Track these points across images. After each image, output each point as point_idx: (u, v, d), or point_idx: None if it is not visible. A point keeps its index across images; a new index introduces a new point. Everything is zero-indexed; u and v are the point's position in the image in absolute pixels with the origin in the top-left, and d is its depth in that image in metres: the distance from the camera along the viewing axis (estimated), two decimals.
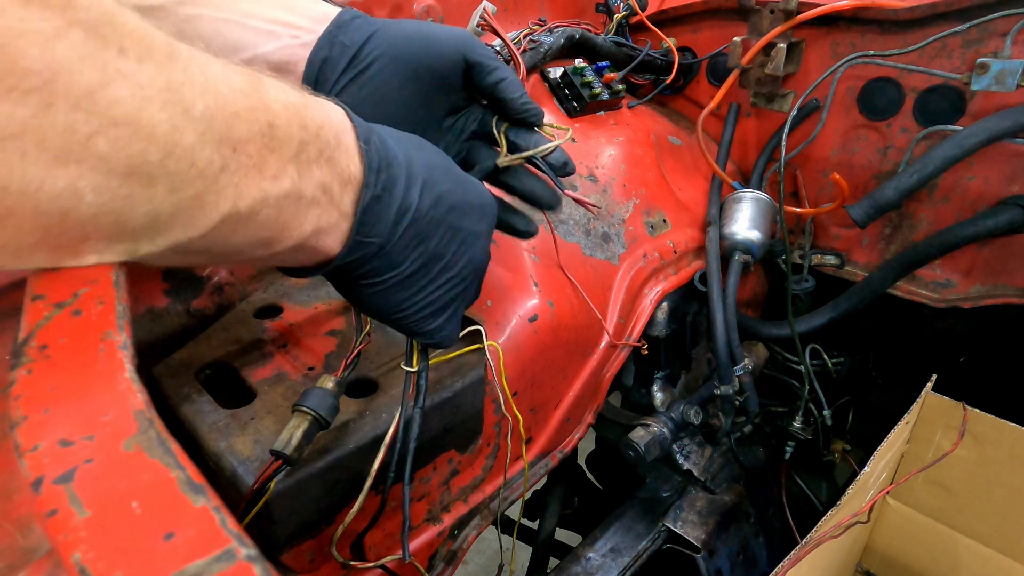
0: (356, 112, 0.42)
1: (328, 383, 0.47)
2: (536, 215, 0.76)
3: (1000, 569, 0.95)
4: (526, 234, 0.62)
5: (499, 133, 0.58)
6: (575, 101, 0.90)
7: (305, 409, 0.45)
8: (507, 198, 0.62)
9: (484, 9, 0.71)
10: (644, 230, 0.88)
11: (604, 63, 0.93)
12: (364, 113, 0.47)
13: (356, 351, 0.50)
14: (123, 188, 0.27)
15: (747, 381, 0.94)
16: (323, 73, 0.51)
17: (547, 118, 0.59)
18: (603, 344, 0.79)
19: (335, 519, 0.52)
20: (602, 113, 0.94)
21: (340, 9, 0.52)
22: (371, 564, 0.53)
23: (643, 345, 0.85)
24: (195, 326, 0.63)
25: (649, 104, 1.07)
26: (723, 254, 0.93)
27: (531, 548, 1.09)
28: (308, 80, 0.51)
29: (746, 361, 0.93)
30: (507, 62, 0.78)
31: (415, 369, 0.51)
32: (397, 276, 0.43)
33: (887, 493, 1.00)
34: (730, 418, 0.97)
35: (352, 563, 0.51)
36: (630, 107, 1.00)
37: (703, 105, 1.01)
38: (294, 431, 0.44)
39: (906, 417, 0.86)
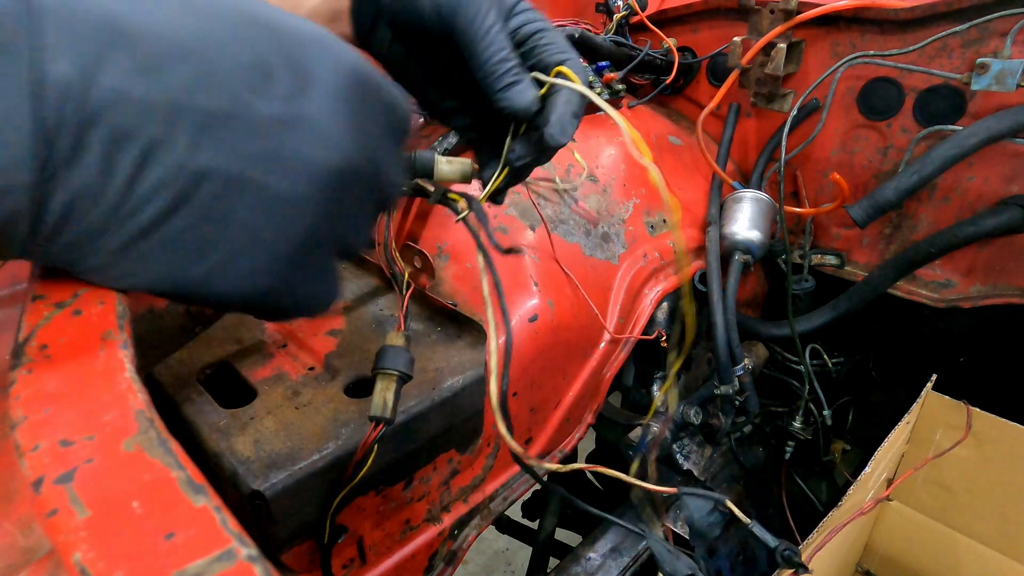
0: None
1: (398, 340, 0.47)
2: (533, 219, 0.76)
3: (1000, 569, 0.95)
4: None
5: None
6: None
7: (389, 370, 0.46)
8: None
9: None
10: (644, 230, 0.88)
11: (604, 63, 0.93)
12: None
13: (406, 305, 0.52)
14: None
15: (747, 381, 0.94)
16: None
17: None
18: (603, 344, 0.79)
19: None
20: (602, 113, 0.94)
21: None
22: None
23: (661, 336, 0.84)
24: (195, 326, 0.63)
25: (649, 104, 1.07)
26: (723, 254, 0.93)
27: (531, 548, 1.09)
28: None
29: (746, 361, 0.93)
30: None
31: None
32: None
33: (887, 493, 1.00)
34: (730, 418, 0.97)
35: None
36: (630, 107, 1.00)
37: (703, 105, 1.01)
38: (385, 393, 0.45)
39: (906, 417, 0.86)
